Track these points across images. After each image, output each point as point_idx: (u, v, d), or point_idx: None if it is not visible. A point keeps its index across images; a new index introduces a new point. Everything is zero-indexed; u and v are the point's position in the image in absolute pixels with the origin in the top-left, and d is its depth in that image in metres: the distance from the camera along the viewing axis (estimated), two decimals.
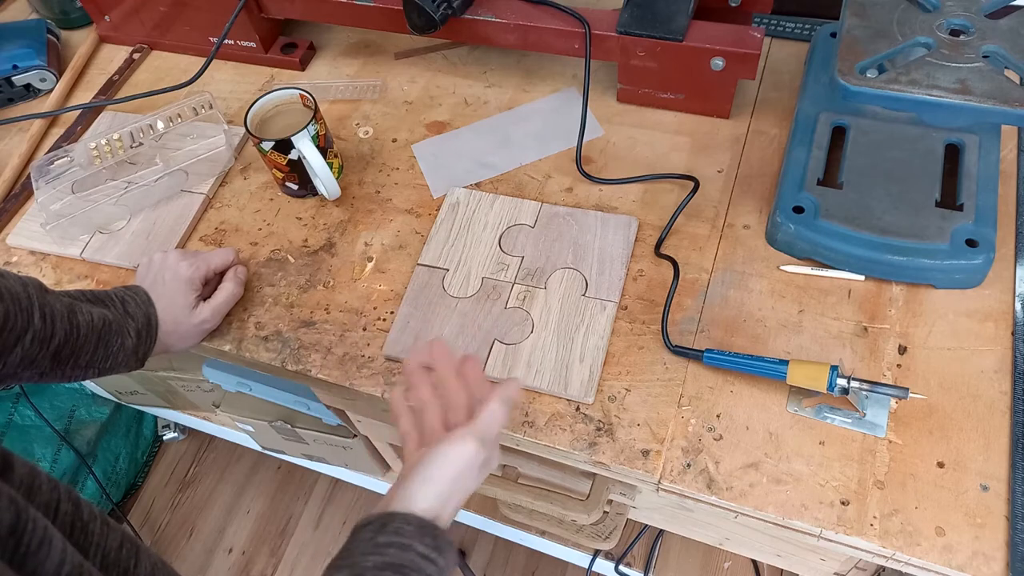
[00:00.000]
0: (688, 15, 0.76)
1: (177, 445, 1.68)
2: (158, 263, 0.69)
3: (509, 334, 0.69)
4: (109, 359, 0.62)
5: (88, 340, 0.60)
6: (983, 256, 0.64)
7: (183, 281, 0.68)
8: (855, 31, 0.61)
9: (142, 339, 0.64)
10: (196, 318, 0.68)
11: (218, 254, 0.72)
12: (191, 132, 0.86)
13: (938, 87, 0.56)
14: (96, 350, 0.61)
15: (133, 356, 0.64)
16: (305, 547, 1.53)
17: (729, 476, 0.60)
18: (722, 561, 1.25)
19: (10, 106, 0.96)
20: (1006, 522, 0.56)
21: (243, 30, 0.91)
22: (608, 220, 0.75)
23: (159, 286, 0.68)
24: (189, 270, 0.68)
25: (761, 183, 0.77)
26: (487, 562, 1.46)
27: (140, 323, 0.64)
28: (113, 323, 0.63)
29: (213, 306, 0.70)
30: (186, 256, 0.70)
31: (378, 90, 0.91)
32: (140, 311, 0.65)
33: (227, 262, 0.72)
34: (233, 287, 0.71)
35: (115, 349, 0.62)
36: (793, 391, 0.64)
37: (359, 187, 0.82)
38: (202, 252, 0.72)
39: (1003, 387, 0.62)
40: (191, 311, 0.68)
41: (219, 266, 0.72)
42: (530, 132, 0.85)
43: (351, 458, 1.11)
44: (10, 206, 0.85)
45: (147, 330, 0.65)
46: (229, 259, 0.72)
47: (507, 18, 0.81)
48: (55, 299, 0.59)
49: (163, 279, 0.68)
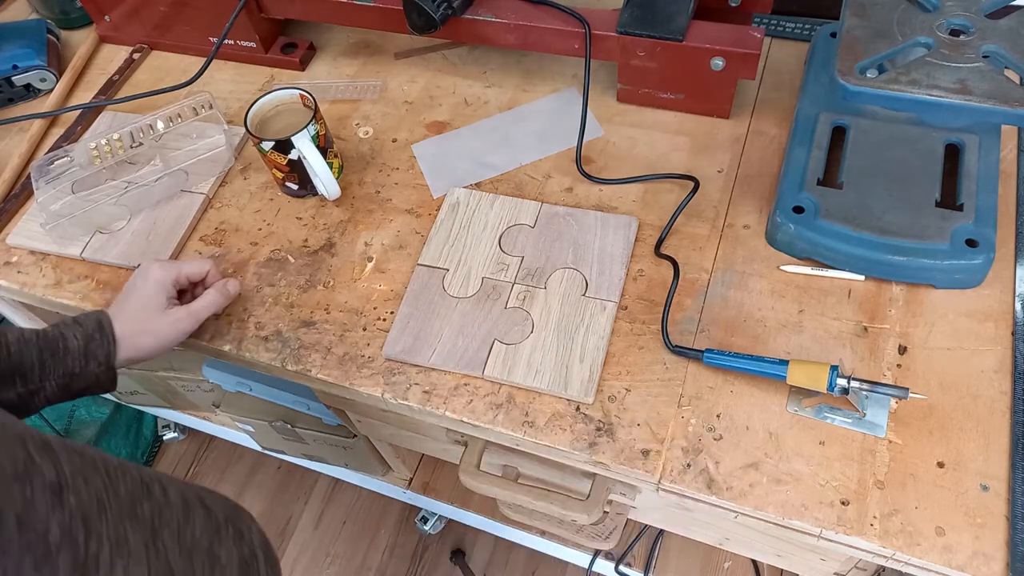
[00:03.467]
0: (688, 15, 0.76)
1: (177, 445, 1.68)
2: (140, 271, 0.70)
3: (509, 334, 0.69)
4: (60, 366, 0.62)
5: (25, 353, 0.60)
6: (983, 256, 0.64)
7: (151, 283, 0.68)
8: (855, 31, 0.61)
9: (95, 340, 0.64)
10: (170, 317, 0.68)
11: (192, 263, 0.72)
12: (191, 132, 0.86)
13: (938, 87, 0.56)
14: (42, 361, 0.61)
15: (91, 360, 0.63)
16: (305, 547, 1.53)
17: (729, 476, 0.60)
18: (722, 561, 1.25)
19: (10, 106, 0.96)
20: (1006, 522, 0.56)
21: (243, 30, 0.91)
22: (608, 220, 0.75)
23: (132, 291, 0.68)
24: (159, 272, 0.69)
25: (761, 183, 0.77)
26: (487, 562, 1.46)
27: (90, 327, 0.64)
28: (50, 332, 0.63)
29: (190, 309, 0.69)
30: (162, 264, 0.70)
31: (378, 90, 0.91)
32: (89, 319, 0.65)
33: (201, 271, 0.72)
34: (216, 296, 0.71)
35: (61, 355, 0.62)
36: (793, 391, 0.64)
37: (359, 187, 0.82)
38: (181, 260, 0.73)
39: (1003, 387, 0.62)
40: (163, 312, 0.68)
41: (191, 274, 0.71)
42: (530, 132, 0.85)
43: (351, 458, 1.11)
44: (10, 206, 0.85)
45: (99, 332, 0.64)
46: (204, 269, 0.72)
47: (507, 18, 0.81)
48: None
49: (135, 284, 0.69)
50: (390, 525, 1.53)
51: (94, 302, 0.77)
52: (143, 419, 1.60)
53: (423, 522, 1.47)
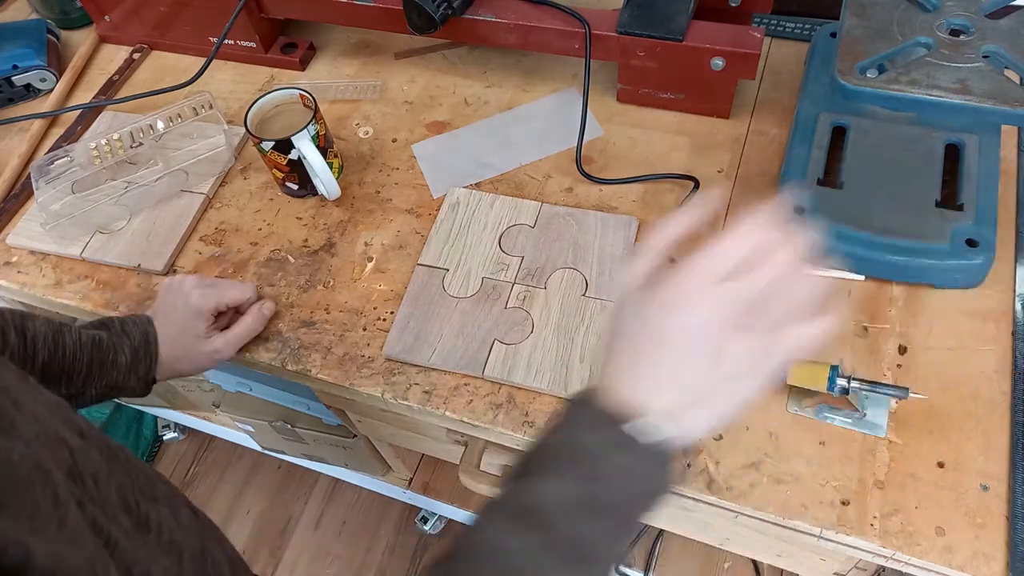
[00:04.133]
0: (688, 15, 0.76)
1: (177, 445, 1.68)
2: (175, 287, 0.69)
3: (509, 334, 0.69)
4: (105, 378, 0.63)
5: (78, 359, 0.61)
6: (983, 256, 0.64)
7: (192, 310, 0.67)
8: (855, 31, 0.61)
9: (139, 357, 0.64)
10: (208, 347, 0.67)
11: (235, 288, 0.70)
12: (191, 132, 0.86)
13: (938, 87, 0.56)
14: (91, 369, 0.62)
15: (132, 375, 0.64)
16: (305, 547, 1.53)
17: (729, 476, 0.60)
18: (722, 561, 1.25)
19: (10, 106, 0.96)
20: (1006, 522, 0.56)
21: (243, 30, 0.91)
22: (608, 220, 0.75)
23: (172, 313, 0.67)
24: (200, 300, 0.67)
25: (761, 183, 0.77)
26: None
27: (137, 341, 0.65)
28: (104, 341, 0.63)
29: (227, 338, 0.68)
30: (200, 284, 0.69)
31: (378, 90, 0.91)
32: (138, 330, 0.65)
33: (243, 298, 0.71)
34: (252, 322, 0.70)
35: (108, 367, 0.63)
36: (793, 391, 0.64)
37: (359, 187, 0.82)
38: (220, 282, 0.71)
39: (1003, 387, 0.62)
40: (202, 340, 0.67)
41: (233, 300, 0.70)
42: (530, 132, 0.85)
43: (351, 458, 1.11)
44: (10, 206, 0.85)
45: (145, 348, 0.65)
46: (246, 296, 0.71)
47: (507, 18, 0.81)
48: (41, 323, 0.61)
49: (175, 306, 0.68)
50: (390, 525, 1.53)
51: (94, 302, 0.77)
52: (143, 419, 1.60)
53: (423, 522, 1.47)
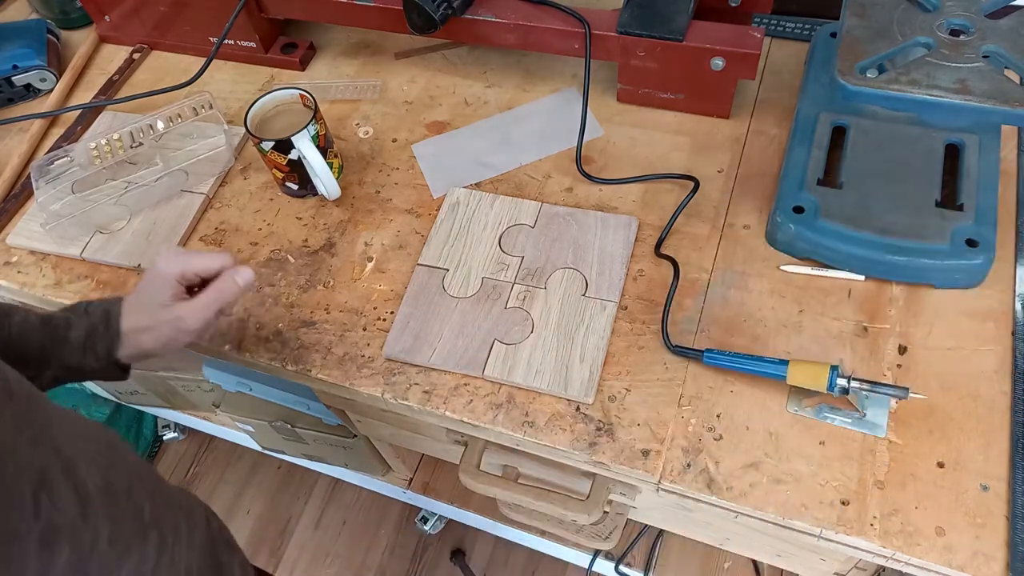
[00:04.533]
0: (688, 15, 0.76)
1: (177, 445, 1.68)
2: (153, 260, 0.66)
3: (509, 334, 0.69)
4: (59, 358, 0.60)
5: (26, 338, 0.60)
6: (983, 256, 0.64)
7: (157, 275, 0.63)
8: (855, 31, 0.61)
9: (98, 334, 0.61)
10: (170, 314, 0.61)
11: (205, 255, 0.64)
12: (191, 132, 0.86)
13: (938, 87, 0.57)
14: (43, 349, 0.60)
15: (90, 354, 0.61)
16: (305, 547, 1.53)
17: (729, 476, 0.60)
18: (722, 561, 1.25)
19: (10, 106, 0.96)
20: (1006, 522, 0.56)
21: (243, 30, 0.91)
22: (608, 220, 0.75)
23: (141, 285, 0.64)
24: (163, 263, 0.63)
25: (761, 183, 0.77)
26: (487, 562, 1.46)
27: (97, 318, 0.62)
28: (55, 318, 0.61)
29: (193, 305, 0.61)
30: (173, 252, 0.64)
31: (378, 90, 0.91)
32: (99, 306, 0.62)
33: (214, 266, 0.64)
34: (222, 288, 0.62)
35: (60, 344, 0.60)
36: (793, 391, 0.64)
37: (359, 187, 0.82)
38: (194, 252, 0.66)
39: (1003, 387, 0.62)
40: (166, 308, 0.61)
41: (202, 267, 0.63)
42: (530, 132, 0.85)
43: (351, 458, 1.11)
44: (10, 206, 0.85)
45: (105, 324, 0.61)
46: (217, 263, 0.64)
47: (507, 18, 0.81)
48: None
49: (145, 277, 0.64)
50: (390, 525, 1.53)
51: None
52: (143, 419, 1.60)
53: (423, 522, 1.47)
